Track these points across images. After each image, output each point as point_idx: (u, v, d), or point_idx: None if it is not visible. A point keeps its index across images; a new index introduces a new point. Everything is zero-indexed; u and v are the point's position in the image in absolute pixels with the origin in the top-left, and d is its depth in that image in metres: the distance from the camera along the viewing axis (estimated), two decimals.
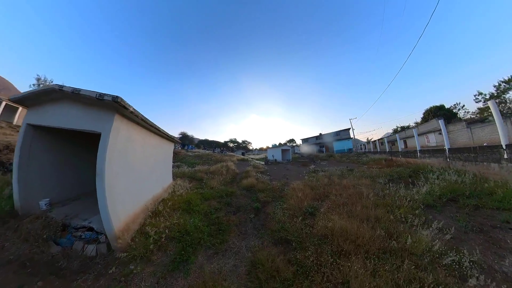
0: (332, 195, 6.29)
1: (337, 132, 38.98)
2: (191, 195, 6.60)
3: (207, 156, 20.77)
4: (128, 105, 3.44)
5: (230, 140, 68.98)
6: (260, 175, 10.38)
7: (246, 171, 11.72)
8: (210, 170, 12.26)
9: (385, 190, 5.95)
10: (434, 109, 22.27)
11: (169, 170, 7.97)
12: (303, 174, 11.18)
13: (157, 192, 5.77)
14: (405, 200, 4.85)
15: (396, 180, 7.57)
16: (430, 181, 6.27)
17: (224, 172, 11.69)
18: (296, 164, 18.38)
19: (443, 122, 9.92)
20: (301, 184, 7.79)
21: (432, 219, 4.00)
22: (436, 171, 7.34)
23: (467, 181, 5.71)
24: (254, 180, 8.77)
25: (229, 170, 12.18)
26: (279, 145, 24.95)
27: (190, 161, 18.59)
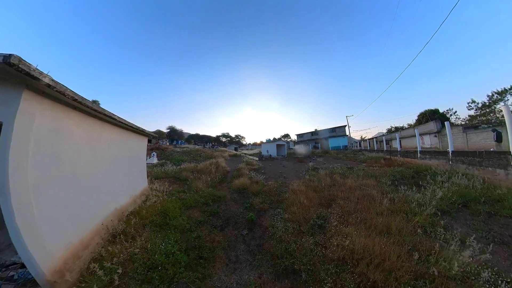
0: (339, 199, 5.47)
1: (332, 128, 38.94)
2: (169, 202, 5.41)
3: (196, 152, 19.37)
4: (40, 73, 2.12)
5: (223, 135, 67.16)
6: (253, 174, 9.32)
7: (238, 168, 10.61)
8: (197, 169, 11.04)
9: (394, 193, 5.48)
10: (429, 112, 22.82)
11: (142, 172, 6.64)
12: (302, 172, 10.28)
13: (122, 203, 4.53)
14: (419, 205, 4.44)
15: (399, 180, 7.17)
16: (437, 184, 5.89)
17: (213, 170, 10.51)
18: (292, 160, 17.53)
19: (449, 125, 9.85)
20: (302, 185, 6.84)
21: (449, 227, 3.70)
22: (441, 173, 6.99)
23: (478, 186, 5.40)
24: (247, 180, 7.70)
25: (219, 167, 11.01)
26: (273, 140, 23.94)
27: (177, 158, 17.17)
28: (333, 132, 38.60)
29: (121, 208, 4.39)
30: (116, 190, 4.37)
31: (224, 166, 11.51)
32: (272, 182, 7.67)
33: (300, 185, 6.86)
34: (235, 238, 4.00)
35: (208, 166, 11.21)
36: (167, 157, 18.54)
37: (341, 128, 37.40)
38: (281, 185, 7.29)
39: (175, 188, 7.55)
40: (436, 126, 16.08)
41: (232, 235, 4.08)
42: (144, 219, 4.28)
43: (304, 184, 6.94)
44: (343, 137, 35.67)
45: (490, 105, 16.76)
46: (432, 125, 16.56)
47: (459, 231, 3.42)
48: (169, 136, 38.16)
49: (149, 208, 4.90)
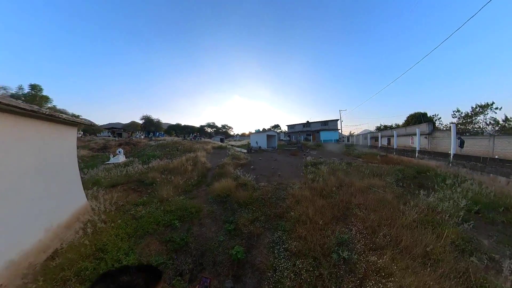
0: (354, 207, 4.35)
1: (324, 121, 39.06)
2: (114, 229, 3.54)
3: (174, 145, 16.96)
4: None
5: (208, 125, 63.66)
6: (240, 172, 7.57)
7: (222, 164, 8.79)
8: (170, 167, 9.00)
9: (406, 196, 5.10)
10: (419, 115, 24.48)
11: (72, 185, 4.47)
12: (298, 168, 8.80)
13: (26, 246, 2.53)
14: (440, 212, 4.12)
15: (402, 180, 6.86)
16: (448, 188, 5.56)
17: (190, 168, 8.56)
18: (284, 153, 16.11)
19: (455, 127, 10.23)
20: (304, 188, 5.32)
21: (474, 240, 3.38)
22: (446, 175, 6.90)
23: (490, 193, 5.20)
24: (231, 183, 5.94)
25: (197, 164, 9.08)
26: (263, 131, 22.19)
27: (148, 153, 14.72)
28: (325, 125, 38.80)
29: (21, 258, 2.39)
30: (11, 226, 2.33)
31: (204, 162, 9.58)
32: (265, 184, 6.01)
33: (302, 188, 5.33)
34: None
35: (184, 163, 9.21)
36: (139, 153, 16.03)
37: (333, 122, 37.82)
38: (277, 188, 5.68)
39: (132, 199, 5.55)
40: (428, 128, 16.86)
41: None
42: (64, 271, 2.38)
43: (307, 187, 5.41)
44: (335, 131, 36.35)
45: (471, 116, 18.88)
46: (424, 127, 17.26)
47: (485, 245, 3.22)
48: (144, 127, 34.25)
49: (78, 245, 2.96)
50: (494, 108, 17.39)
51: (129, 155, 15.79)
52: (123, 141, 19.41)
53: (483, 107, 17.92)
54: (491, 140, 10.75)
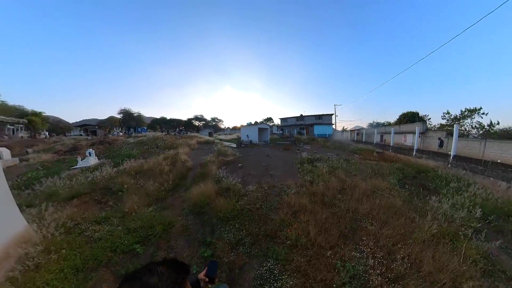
0: (362, 217, 3.75)
1: (319, 115, 39.20)
2: (56, 263, 2.68)
3: (154, 141, 15.63)
4: None
5: (196, 118, 61.25)
6: (225, 172, 6.72)
7: (205, 163, 7.87)
8: (145, 168, 7.97)
9: (413, 198, 4.82)
10: (411, 114, 26.12)
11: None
12: (293, 165, 8.09)
13: None
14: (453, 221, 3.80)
15: (403, 180, 6.66)
16: (454, 192, 5.31)
17: (167, 168, 7.58)
18: (277, 148, 15.38)
19: (457, 128, 10.33)
20: (302, 193, 4.63)
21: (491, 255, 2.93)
22: (448, 177, 6.73)
23: (498, 199, 5.00)
24: (212, 188, 5.05)
25: (176, 164, 8.10)
26: (255, 124, 21.16)
27: (124, 153, 13.38)
28: (319, 119, 39.01)
29: None
30: None
31: (185, 161, 8.60)
32: (254, 187, 5.21)
33: (299, 192, 4.61)
34: None
35: (161, 163, 8.17)
36: (114, 153, 14.63)
37: (327, 116, 37.95)
38: (268, 193, 4.89)
39: (91, 215, 4.57)
40: (422, 128, 17.60)
41: None
42: None
43: (305, 191, 4.69)
44: (329, 125, 36.54)
45: (459, 119, 20.18)
46: (418, 126, 17.94)
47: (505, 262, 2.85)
48: (123, 123, 31.81)
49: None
50: (481, 113, 18.51)
51: (103, 156, 14.36)
52: (97, 140, 17.68)
53: (471, 111, 19.21)
54: (483, 144, 11.33)
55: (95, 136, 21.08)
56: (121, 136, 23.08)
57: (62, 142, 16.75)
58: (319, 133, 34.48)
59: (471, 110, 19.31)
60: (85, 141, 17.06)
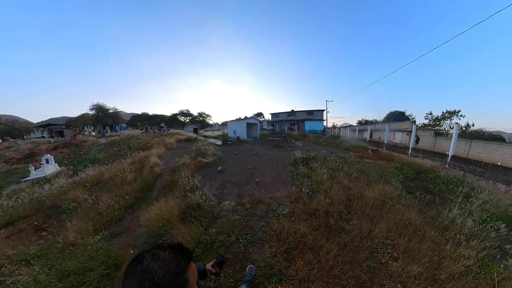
0: (379, 245, 2.93)
1: (310, 111, 39.69)
2: None
3: (128, 141, 14.13)
4: None
5: (181, 113, 58.68)
6: (200, 181, 5.67)
7: (176, 168, 6.73)
8: (105, 177, 6.79)
9: (425, 208, 4.38)
10: (398, 113, 29.60)
11: None
12: (285, 167, 7.19)
13: None
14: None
15: (405, 182, 6.34)
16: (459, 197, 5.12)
17: (131, 176, 6.41)
18: (267, 145, 14.43)
19: (457, 128, 10.48)
20: (298, 212, 3.71)
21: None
22: (450, 180, 6.53)
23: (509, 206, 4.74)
24: (175, 207, 3.98)
25: (143, 169, 6.91)
26: (244, 118, 19.94)
27: (91, 157, 11.90)
28: (311, 115, 39.67)
29: None
30: None
31: (155, 165, 7.41)
32: (232, 204, 4.19)
33: (293, 212, 3.67)
34: None
35: (125, 169, 6.95)
36: (81, 157, 13.08)
37: (319, 112, 38.69)
38: (250, 214, 3.86)
39: (21, 251, 3.47)
40: (410, 126, 18.26)
41: None
42: None
43: (302, 210, 3.76)
44: (320, 121, 37.58)
45: (440, 119, 22.67)
46: (407, 124, 18.95)
47: None
48: (97, 120, 29.21)
49: None
50: (460, 115, 20.96)
51: (66, 161, 12.74)
52: (61, 143, 15.78)
53: (451, 113, 21.63)
54: (468, 143, 12.18)
55: (61, 138, 18.96)
56: (93, 136, 21.09)
57: (17, 147, 14.68)
58: (310, 129, 35.18)
59: (451, 112, 21.63)
60: (47, 145, 15.12)
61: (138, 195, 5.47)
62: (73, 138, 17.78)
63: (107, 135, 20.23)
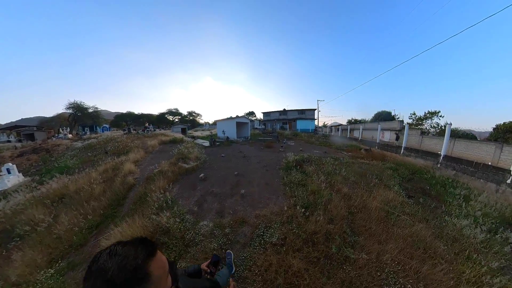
0: (389, 274, 2.71)
1: (302, 110, 40.62)
2: None
3: (106, 144, 13.18)
4: None
5: (169, 112, 56.93)
6: (176, 192, 5.11)
7: (152, 176, 6.09)
8: (71, 190, 6.07)
9: (428, 215, 4.30)
10: (385, 113, 30.44)
11: None
12: (275, 173, 6.76)
13: None
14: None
15: (403, 184, 6.33)
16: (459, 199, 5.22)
17: (99, 189, 5.75)
18: (257, 145, 13.97)
19: (450, 128, 10.84)
20: (290, 234, 3.27)
21: None
22: (446, 181, 6.83)
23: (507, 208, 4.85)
24: (141, 232, 3.44)
25: (114, 180, 6.23)
26: (235, 117, 19.15)
27: (62, 164, 10.96)
28: (302, 114, 40.50)
29: None
30: None
31: (130, 173, 6.75)
32: (209, 226, 3.67)
33: (285, 236, 3.24)
34: None
35: (95, 180, 6.25)
36: (52, 164, 12.08)
37: (310, 111, 39.84)
38: (230, 241, 3.35)
39: None
40: (399, 125, 19.55)
41: None
42: None
43: (295, 233, 3.31)
44: (312, 120, 38.69)
45: (422, 119, 24.62)
46: (396, 124, 20.07)
47: None
48: (75, 120, 27.39)
49: None
50: (439, 115, 23.15)
51: (34, 170, 11.67)
52: (30, 147, 14.51)
53: (432, 114, 23.77)
54: (452, 142, 12.92)
55: (32, 142, 17.50)
56: (69, 138, 19.71)
57: None
58: (302, 128, 35.94)
59: (432, 113, 23.73)
60: (12, 151, 13.82)
61: (106, 212, 4.85)
62: (45, 141, 16.45)
63: (85, 138, 18.98)
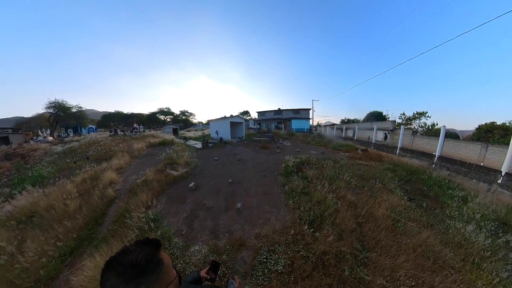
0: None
1: (296, 110, 41.15)
2: None
3: (88, 148, 12.28)
4: None
5: (161, 111, 55.28)
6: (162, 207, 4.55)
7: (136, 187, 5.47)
8: (41, 207, 5.36)
9: (431, 219, 4.38)
10: (378, 113, 32.69)
11: None
12: (274, 179, 6.31)
13: None
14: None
15: (402, 186, 6.46)
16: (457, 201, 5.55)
17: (74, 205, 5.09)
18: (253, 146, 13.47)
19: (444, 130, 11.44)
20: (297, 258, 2.94)
21: None
22: (442, 182, 7.14)
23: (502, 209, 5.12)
24: None
25: (92, 192, 5.55)
26: (229, 117, 18.32)
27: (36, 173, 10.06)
28: (297, 113, 41.03)
29: None
30: None
31: (111, 183, 6.10)
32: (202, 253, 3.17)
33: (290, 261, 2.89)
34: None
35: (69, 194, 5.56)
36: (26, 172, 11.15)
37: (305, 111, 40.28)
38: (228, 269, 2.86)
39: None
40: (392, 125, 20.23)
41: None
42: None
43: (302, 252, 2.96)
44: (307, 120, 39.22)
45: (411, 119, 26.54)
46: (389, 124, 20.72)
47: None
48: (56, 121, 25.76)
49: None
50: (427, 116, 25.06)
51: (6, 179, 10.70)
52: (2, 153, 13.35)
53: (420, 114, 25.72)
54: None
55: (5, 146, 16.19)
56: (50, 142, 18.44)
57: None
58: (297, 128, 36.48)
59: (420, 113, 25.67)
60: None
61: (81, 234, 4.22)
62: (20, 146, 15.24)
63: (67, 140, 17.80)
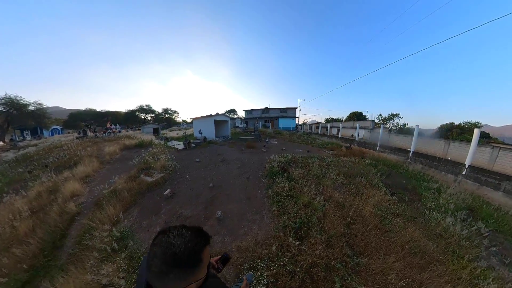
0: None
1: (283, 109, 43.33)
2: None
3: (49, 153, 11.02)
4: None
5: (141, 109, 52.38)
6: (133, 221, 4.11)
7: (103, 199, 4.90)
8: None
9: (413, 212, 4.86)
10: (358, 113, 36.65)
11: None
12: (258, 181, 6.07)
13: None
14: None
15: (384, 180, 7.04)
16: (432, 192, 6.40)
17: (26, 226, 4.42)
18: (238, 145, 13.13)
19: (418, 128, 13.17)
20: (282, 274, 2.65)
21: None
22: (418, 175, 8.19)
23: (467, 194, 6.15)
24: None
25: (50, 210, 4.87)
26: (214, 115, 17.55)
27: None
28: (284, 112, 43.06)
29: None
30: None
31: (74, 195, 5.41)
32: None
33: (275, 278, 2.64)
34: None
35: (19, 212, 4.82)
36: None
37: (292, 110, 42.63)
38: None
39: None
40: (371, 124, 23.68)
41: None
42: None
43: (287, 267, 2.76)
44: (293, 118, 41.37)
45: (386, 119, 31.47)
46: (368, 123, 24.15)
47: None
48: (8, 121, 22.86)
49: None
50: (399, 117, 30.51)
51: None
52: None
53: (393, 115, 31.02)
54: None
55: None
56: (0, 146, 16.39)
57: None
58: (284, 126, 38.47)
59: (394, 115, 30.87)
60: None
61: (35, 263, 3.59)
62: None
63: (21, 145, 15.93)
